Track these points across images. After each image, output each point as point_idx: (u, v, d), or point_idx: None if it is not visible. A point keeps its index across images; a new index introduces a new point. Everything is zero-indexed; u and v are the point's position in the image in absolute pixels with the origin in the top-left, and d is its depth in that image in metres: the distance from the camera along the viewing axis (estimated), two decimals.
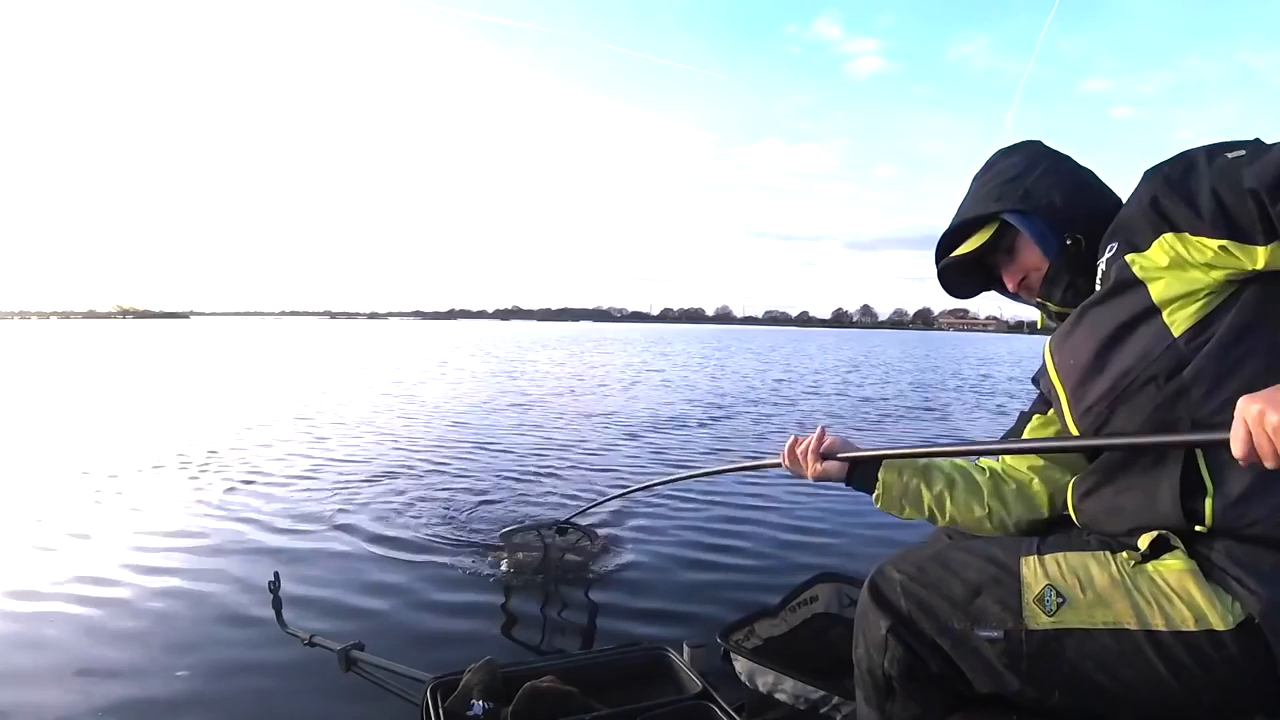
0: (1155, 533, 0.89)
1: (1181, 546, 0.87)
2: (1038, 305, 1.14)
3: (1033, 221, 1.06)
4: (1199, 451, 0.85)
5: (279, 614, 1.88)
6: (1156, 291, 0.89)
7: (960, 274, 1.20)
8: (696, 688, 1.38)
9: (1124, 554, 0.90)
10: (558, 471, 4.52)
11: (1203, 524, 0.86)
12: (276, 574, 1.91)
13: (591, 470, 4.58)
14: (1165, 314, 0.88)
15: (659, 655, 1.55)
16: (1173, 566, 0.86)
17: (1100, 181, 1.09)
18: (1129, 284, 0.91)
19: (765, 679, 1.65)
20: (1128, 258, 0.92)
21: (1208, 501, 0.85)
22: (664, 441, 5.78)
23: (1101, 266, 0.98)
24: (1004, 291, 1.19)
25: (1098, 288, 0.98)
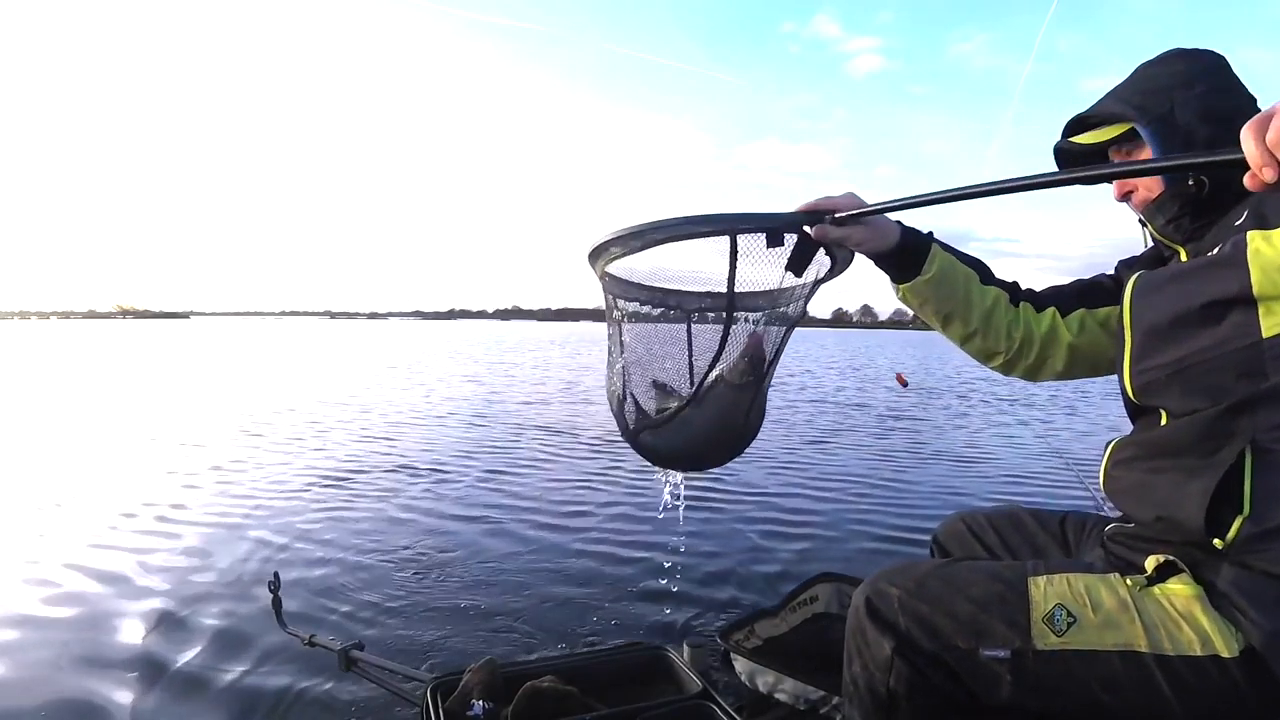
0: (1162, 557, 0.89)
1: (1188, 570, 0.87)
2: (1139, 221, 1.08)
3: (1162, 145, 0.97)
4: (1247, 469, 0.83)
5: (279, 614, 1.88)
6: (1260, 281, 0.81)
7: (1079, 156, 1.12)
8: (696, 688, 1.38)
9: (1130, 578, 0.89)
10: (545, 476, 4.52)
11: (1222, 539, 0.84)
12: (276, 574, 1.91)
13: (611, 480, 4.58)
14: (1261, 308, 0.82)
15: (659, 655, 1.56)
16: (1180, 591, 0.85)
17: None
18: (1235, 262, 0.84)
19: (765, 679, 1.66)
20: (1249, 234, 0.83)
21: (1237, 521, 0.83)
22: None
23: (1220, 228, 0.91)
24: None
25: (1211, 246, 0.91)
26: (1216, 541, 0.85)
